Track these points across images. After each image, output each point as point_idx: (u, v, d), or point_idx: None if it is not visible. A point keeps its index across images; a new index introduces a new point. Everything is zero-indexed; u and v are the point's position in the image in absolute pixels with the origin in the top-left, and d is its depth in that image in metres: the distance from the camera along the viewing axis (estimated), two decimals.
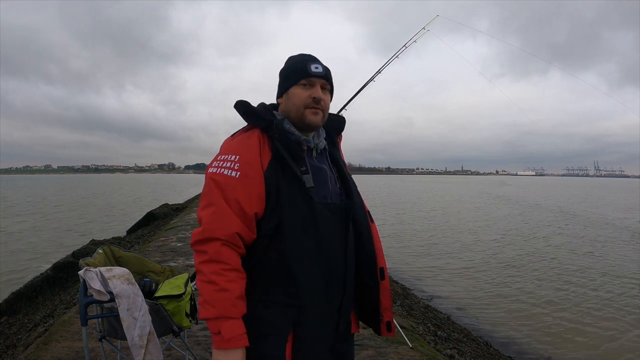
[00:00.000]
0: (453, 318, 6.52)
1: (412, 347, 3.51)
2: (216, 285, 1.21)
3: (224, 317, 1.21)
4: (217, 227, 1.24)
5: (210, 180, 1.29)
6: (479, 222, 19.76)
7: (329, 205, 1.36)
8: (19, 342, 4.21)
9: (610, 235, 15.94)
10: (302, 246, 1.29)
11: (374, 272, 1.44)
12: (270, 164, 1.30)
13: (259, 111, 1.37)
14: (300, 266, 1.29)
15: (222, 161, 1.30)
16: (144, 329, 2.07)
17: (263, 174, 1.29)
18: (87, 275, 2.09)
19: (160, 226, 12.53)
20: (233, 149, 1.32)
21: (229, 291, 1.22)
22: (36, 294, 6.39)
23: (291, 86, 1.39)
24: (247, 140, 1.33)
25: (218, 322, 1.21)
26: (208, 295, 1.22)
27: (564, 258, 11.42)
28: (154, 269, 2.73)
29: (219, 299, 1.21)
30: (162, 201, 24.73)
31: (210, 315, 1.22)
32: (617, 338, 6.08)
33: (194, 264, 1.28)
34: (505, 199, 39.45)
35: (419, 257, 11.42)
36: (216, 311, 1.21)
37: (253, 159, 1.29)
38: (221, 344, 1.22)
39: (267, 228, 1.29)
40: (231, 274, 1.23)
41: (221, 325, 1.21)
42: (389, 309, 1.48)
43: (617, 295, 8.05)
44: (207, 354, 3.18)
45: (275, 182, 1.29)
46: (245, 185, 1.26)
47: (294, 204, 1.29)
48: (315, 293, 1.31)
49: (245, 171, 1.27)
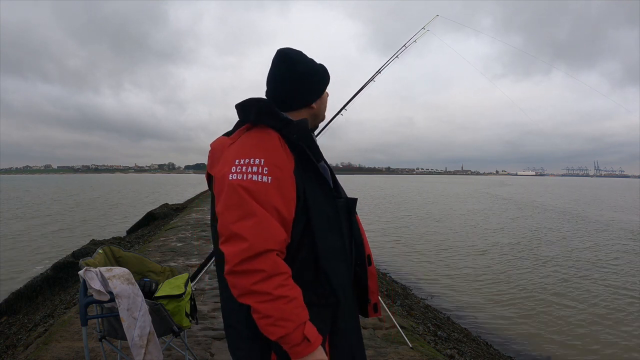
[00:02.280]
0: (453, 318, 6.53)
1: (412, 347, 3.51)
2: (285, 299, 1.13)
3: (302, 324, 1.16)
4: (267, 238, 1.13)
5: (238, 188, 1.16)
6: (479, 222, 19.76)
7: (342, 202, 1.41)
8: (19, 342, 4.21)
9: (611, 235, 15.94)
10: (331, 245, 1.30)
11: (363, 260, 1.48)
12: (297, 165, 1.25)
13: (278, 111, 1.30)
14: (331, 265, 1.29)
15: (244, 166, 1.18)
16: (144, 329, 2.07)
17: (293, 175, 1.22)
18: (87, 275, 2.09)
19: (160, 226, 12.53)
20: (254, 151, 1.21)
21: (297, 298, 1.16)
22: (36, 294, 6.39)
23: (324, 91, 1.46)
24: (268, 142, 1.24)
25: (299, 331, 1.15)
26: (280, 312, 1.13)
27: (564, 258, 11.42)
28: (154, 269, 2.73)
29: (292, 309, 1.14)
30: (162, 201, 24.73)
31: (290, 330, 1.14)
32: (617, 338, 6.09)
33: (237, 286, 1.15)
34: (503, 198, 39.45)
35: (419, 257, 11.41)
36: (294, 323, 1.14)
37: (281, 161, 1.21)
38: (308, 349, 1.16)
39: (296, 231, 1.24)
40: (291, 281, 1.17)
41: (305, 332, 1.16)
42: (375, 292, 1.52)
43: (617, 296, 8.06)
44: (207, 354, 3.19)
45: (302, 183, 1.24)
46: (279, 190, 1.18)
47: (318, 204, 1.27)
48: (346, 288, 1.35)
49: (276, 174, 1.18)
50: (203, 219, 11.69)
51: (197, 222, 11.13)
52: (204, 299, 4.48)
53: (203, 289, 4.81)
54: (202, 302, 4.35)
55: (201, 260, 5.96)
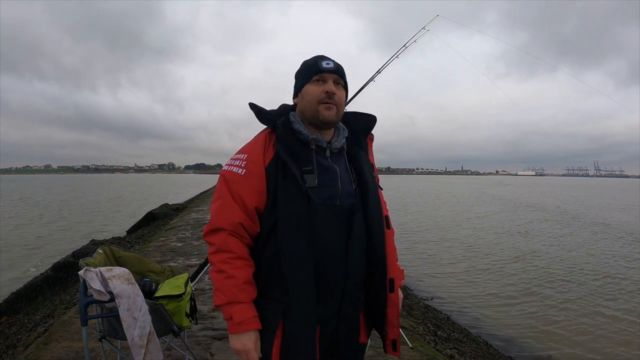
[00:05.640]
0: (453, 318, 6.52)
1: (412, 347, 3.51)
2: (224, 273, 1.30)
3: (233, 302, 1.30)
4: (222, 218, 1.33)
5: (221, 177, 1.40)
6: (479, 222, 19.76)
7: (331, 207, 1.34)
8: (19, 342, 4.21)
9: (612, 236, 15.94)
10: (292, 246, 1.29)
11: (383, 283, 1.40)
12: (272, 162, 1.35)
13: (267, 112, 1.44)
14: (289, 266, 1.29)
15: (233, 160, 1.40)
16: (144, 329, 2.07)
17: (264, 171, 1.35)
18: (87, 275, 2.09)
19: (160, 226, 12.52)
20: (244, 149, 1.42)
21: (235, 277, 1.30)
22: (36, 294, 6.39)
23: (305, 84, 1.41)
24: (255, 140, 1.42)
25: (229, 308, 1.30)
26: (218, 283, 1.31)
27: (564, 258, 11.41)
28: (154, 269, 2.73)
29: (227, 286, 1.30)
30: (162, 201, 24.72)
31: (221, 302, 1.31)
32: (617, 338, 6.08)
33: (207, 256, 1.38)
34: (501, 198, 39.44)
35: (418, 257, 11.41)
36: (226, 298, 1.30)
37: (257, 157, 1.36)
38: (234, 328, 1.30)
39: (267, 224, 1.35)
40: (237, 262, 1.32)
41: (231, 310, 1.30)
42: (395, 326, 1.44)
43: (617, 296, 8.05)
44: (207, 354, 3.18)
45: (274, 180, 1.34)
46: (248, 181, 1.34)
47: (290, 203, 1.31)
48: (300, 293, 1.29)
49: (250, 169, 1.35)
50: (203, 219, 11.69)
51: (197, 222, 11.13)
52: (204, 299, 4.48)
53: (203, 289, 4.81)
54: (202, 302, 4.35)
55: (201, 260, 5.96)
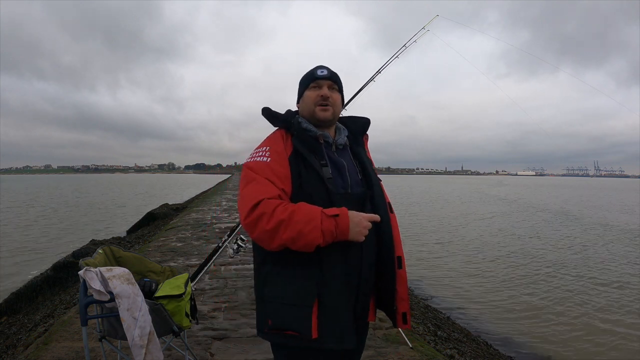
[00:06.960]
0: (453, 318, 6.52)
1: (412, 347, 3.51)
2: (294, 211, 1.33)
3: (322, 217, 1.33)
4: (262, 192, 1.38)
5: (246, 168, 1.50)
6: (479, 222, 19.77)
7: (347, 195, 1.50)
8: (19, 342, 4.21)
9: (612, 236, 15.94)
10: None
11: (392, 261, 1.53)
12: (292, 155, 1.50)
13: (281, 114, 1.61)
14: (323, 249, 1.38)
15: (255, 152, 1.52)
16: (144, 329, 2.06)
17: (287, 160, 1.48)
18: (87, 275, 2.09)
19: (160, 226, 12.52)
20: (264, 143, 1.56)
21: (300, 206, 1.36)
22: (36, 294, 6.39)
23: (304, 91, 1.63)
24: (273, 136, 1.58)
25: (326, 223, 1.32)
26: (302, 223, 1.31)
27: (564, 258, 11.42)
28: (154, 269, 2.73)
29: (307, 212, 1.34)
30: (162, 201, 24.72)
31: (317, 230, 1.31)
32: (617, 338, 6.08)
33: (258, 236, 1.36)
34: (501, 198, 39.46)
35: (418, 257, 11.41)
36: (316, 221, 1.32)
37: (280, 148, 1.51)
38: (344, 224, 1.34)
39: None
40: (290, 204, 1.37)
41: (327, 222, 1.33)
42: (405, 300, 1.56)
43: (617, 296, 8.05)
44: (207, 354, 3.19)
45: (297, 168, 1.47)
46: (274, 167, 1.45)
47: (313, 192, 1.44)
48: (334, 271, 1.41)
49: (274, 157, 1.47)
50: (203, 219, 11.69)
51: (197, 222, 11.12)
52: (204, 299, 4.48)
53: (203, 289, 4.81)
54: (202, 302, 4.35)
55: (201, 260, 5.95)
